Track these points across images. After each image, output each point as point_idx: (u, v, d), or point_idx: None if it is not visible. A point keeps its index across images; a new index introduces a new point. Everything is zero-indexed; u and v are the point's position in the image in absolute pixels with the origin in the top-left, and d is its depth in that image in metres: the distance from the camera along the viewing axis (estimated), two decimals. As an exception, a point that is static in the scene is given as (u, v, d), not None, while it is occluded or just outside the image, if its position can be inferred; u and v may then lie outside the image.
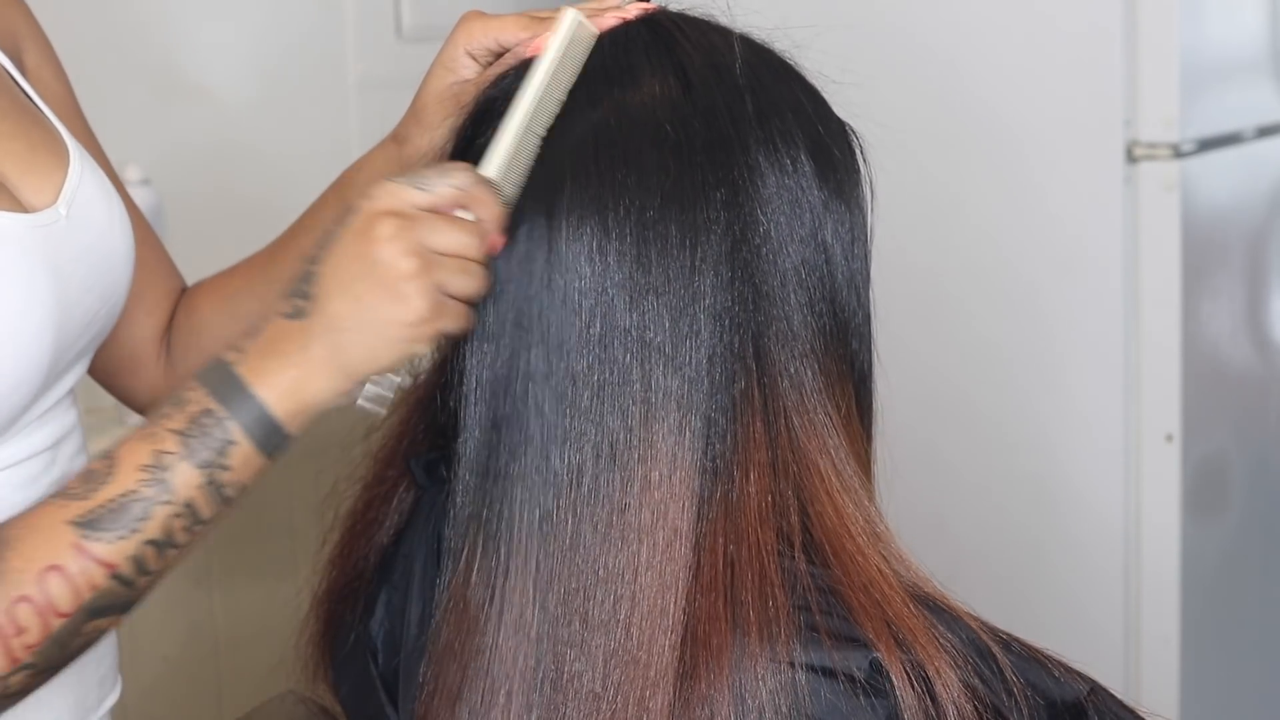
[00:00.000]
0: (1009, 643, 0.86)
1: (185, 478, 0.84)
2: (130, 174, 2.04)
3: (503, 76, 0.94)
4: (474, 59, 1.00)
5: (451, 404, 0.91)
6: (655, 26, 0.93)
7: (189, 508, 0.84)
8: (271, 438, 0.85)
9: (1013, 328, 2.21)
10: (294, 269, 1.10)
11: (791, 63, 0.94)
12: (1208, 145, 2.18)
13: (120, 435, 0.86)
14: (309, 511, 1.09)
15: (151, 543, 0.84)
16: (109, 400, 1.17)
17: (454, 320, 0.85)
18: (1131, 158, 2.12)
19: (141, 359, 1.14)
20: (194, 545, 0.86)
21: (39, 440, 0.97)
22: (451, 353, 0.91)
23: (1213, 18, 2.23)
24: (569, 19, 0.89)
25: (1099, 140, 2.12)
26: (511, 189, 0.88)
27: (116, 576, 0.84)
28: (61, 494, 0.85)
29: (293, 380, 0.84)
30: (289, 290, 0.86)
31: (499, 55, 0.99)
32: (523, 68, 0.92)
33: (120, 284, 1.02)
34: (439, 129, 1.00)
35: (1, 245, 0.91)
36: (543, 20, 0.96)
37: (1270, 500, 2.45)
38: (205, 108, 2.35)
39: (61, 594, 0.83)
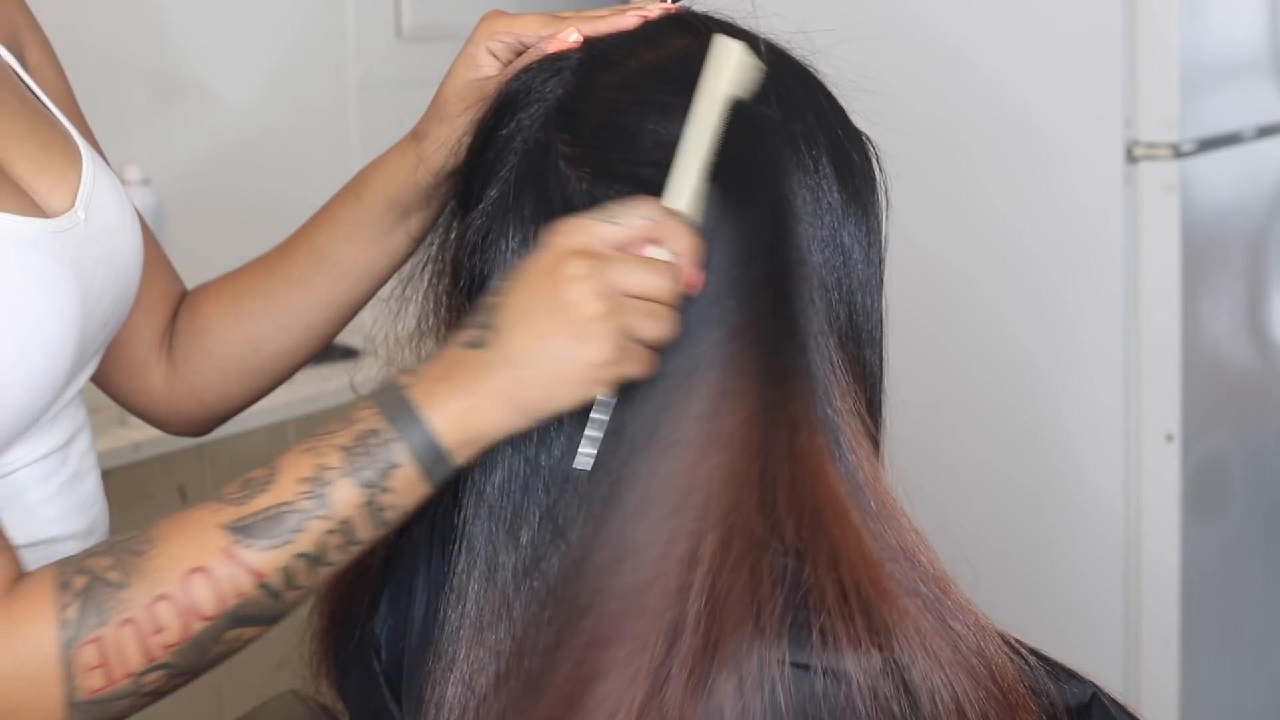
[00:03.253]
0: (1016, 648, 0.86)
1: (345, 495, 0.82)
2: (130, 174, 2.04)
3: (525, 70, 0.95)
4: (495, 56, 1.01)
5: None
6: (682, 26, 0.93)
7: (345, 525, 0.83)
8: (437, 465, 0.83)
9: (1013, 327, 2.21)
10: (305, 266, 1.11)
11: (811, 68, 0.95)
12: (1208, 145, 2.18)
13: (122, 435, 0.86)
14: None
15: (303, 556, 0.82)
16: (109, 400, 1.17)
17: (637, 365, 0.84)
18: (1131, 158, 2.12)
19: (140, 360, 1.13)
20: (345, 563, 0.85)
21: (53, 439, 0.98)
22: None
23: (1213, 18, 2.23)
24: (736, 52, 0.88)
25: (1099, 140, 2.12)
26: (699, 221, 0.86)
27: (264, 586, 0.82)
28: (217, 498, 0.84)
29: (465, 409, 0.83)
30: (470, 320, 0.85)
31: (520, 53, 0.99)
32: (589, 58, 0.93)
33: (132, 284, 1.02)
34: (458, 124, 1.00)
35: (31, 252, 0.91)
36: (563, 19, 0.96)
37: (1270, 500, 2.45)
38: (205, 108, 2.35)
39: (205, 597, 0.81)
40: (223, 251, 1.31)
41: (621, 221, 0.84)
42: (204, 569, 0.81)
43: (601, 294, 0.82)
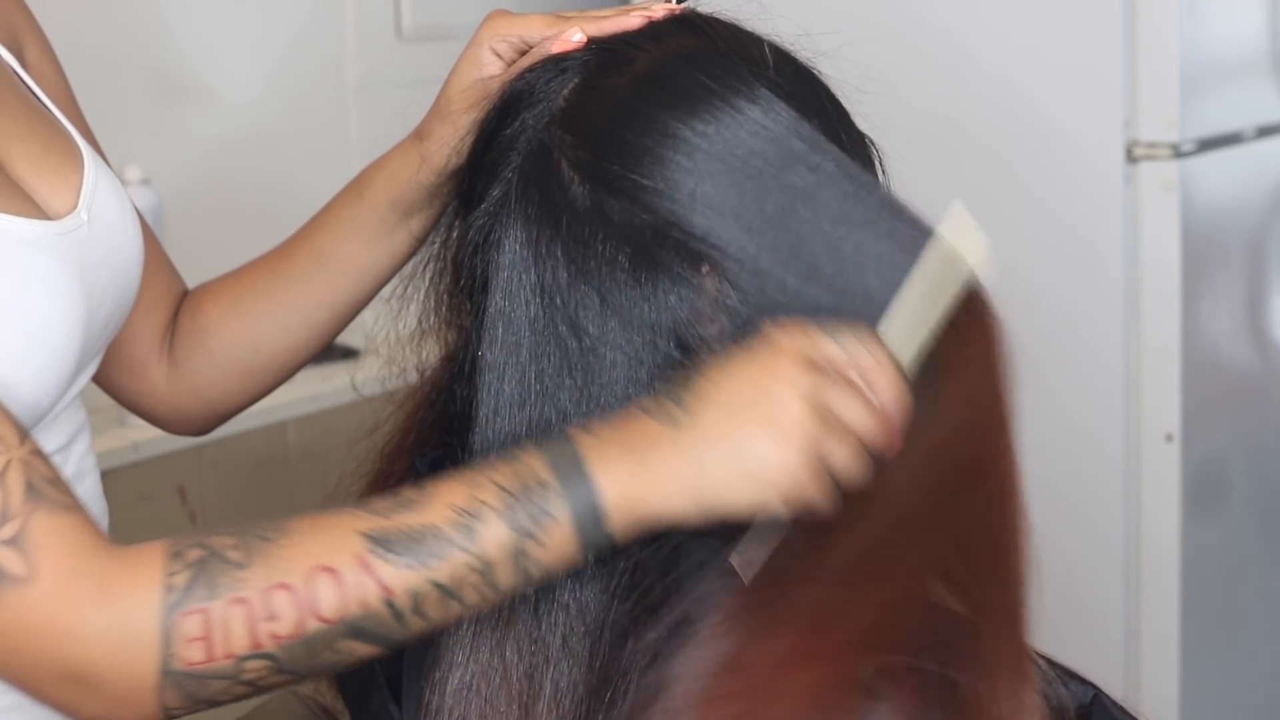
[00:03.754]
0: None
1: (495, 534, 0.79)
2: (130, 174, 2.04)
3: (529, 70, 0.95)
4: (499, 56, 1.00)
5: (462, 394, 0.91)
6: (687, 26, 0.93)
7: (487, 566, 0.79)
8: (594, 530, 0.80)
9: (1012, 327, 2.21)
10: (307, 265, 1.11)
11: (815, 70, 0.95)
12: (1208, 145, 2.18)
13: (121, 435, 0.86)
14: (314, 508, 1.08)
15: (438, 585, 0.79)
16: (109, 400, 1.17)
17: (821, 494, 0.80)
18: (1131, 158, 2.12)
19: (141, 359, 1.13)
20: (475, 609, 0.81)
21: (54, 440, 0.97)
22: (462, 344, 0.91)
23: (1213, 18, 2.23)
24: (982, 246, 0.89)
25: (1099, 140, 2.12)
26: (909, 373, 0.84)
27: (390, 604, 0.79)
28: (363, 504, 0.81)
29: (635, 479, 0.79)
30: (663, 392, 0.82)
31: (523, 52, 0.99)
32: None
33: (133, 285, 1.02)
34: (462, 123, 1.00)
35: (35, 254, 0.90)
36: (567, 19, 0.96)
37: (1270, 500, 2.45)
38: (205, 108, 2.36)
39: (328, 598, 0.78)
40: (223, 251, 1.30)
41: (844, 344, 0.82)
42: (333, 570, 0.78)
43: (812, 404, 0.80)
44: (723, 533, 0.83)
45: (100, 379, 1.13)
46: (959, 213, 0.87)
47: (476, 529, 0.79)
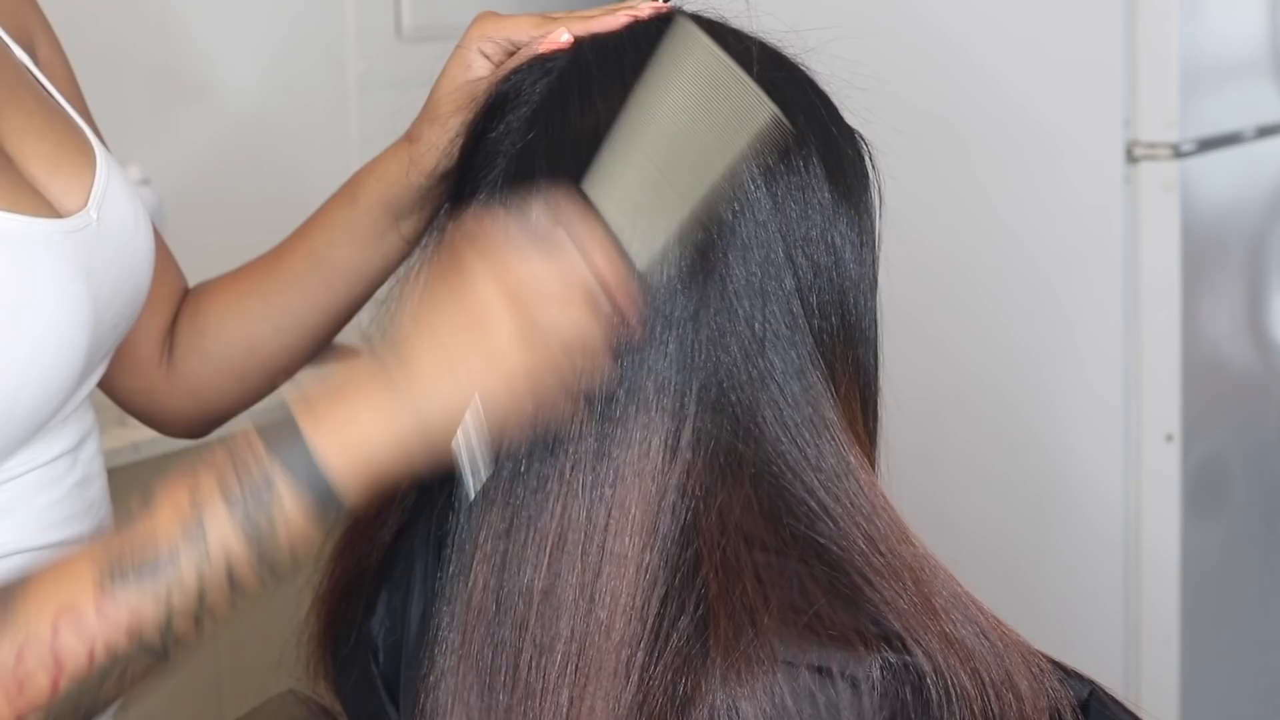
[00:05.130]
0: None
1: (223, 535, 0.75)
2: (131, 173, 2.04)
3: (515, 70, 0.95)
4: (487, 57, 1.00)
5: None
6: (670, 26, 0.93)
7: (228, 573, 0.76)
8: (322, 494, 0.77)
9: (1012, 327, 2.21)
10: (301, 268, 1.11)
11: (803, 66, 0.95)
12: (1208, 145, 2.18)
13: (122, 435, 0.85)
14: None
15: (181, 610, 0.76)
16: (109, 400, 1.17)
17: (567, 374, 0.79)
18: (1131, 158, 2.12)
19: (142, 360, 1.13)
20: (226, 619, 0.77)
21: (64, 442, 0.97)
22: None
23: (1213, 18, 2.23)
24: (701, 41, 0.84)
25: (1099, 140, 2.12)
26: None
27: (139, 639, 0.76)
28: (99, 535, 0.79)
29: (353, 433, 0.77)
30: (376, 341, 0.81)
31: (511, 53, 0.99)
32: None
33: (144, 285, 1.02)
34: (451, 125, 1.00)
35: (42, 253, 0.90)
36: (554, 20, 0.96)
37: (1270, 500, 2.45)
38: (206, 108, 2.35)
39: (71, 648, 0.74)
40: (223, 250, 1.30)
41: (538, 228, 0.79)
42: (74, 609, 0.74)
43: (518, 304, 0.77)
44: None
45: (101, 379, 1.13)
46: (684, 25, 0.85)
47: (205, 534, 0.76)
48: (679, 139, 0.82)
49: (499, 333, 0.77)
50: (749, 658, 0.80)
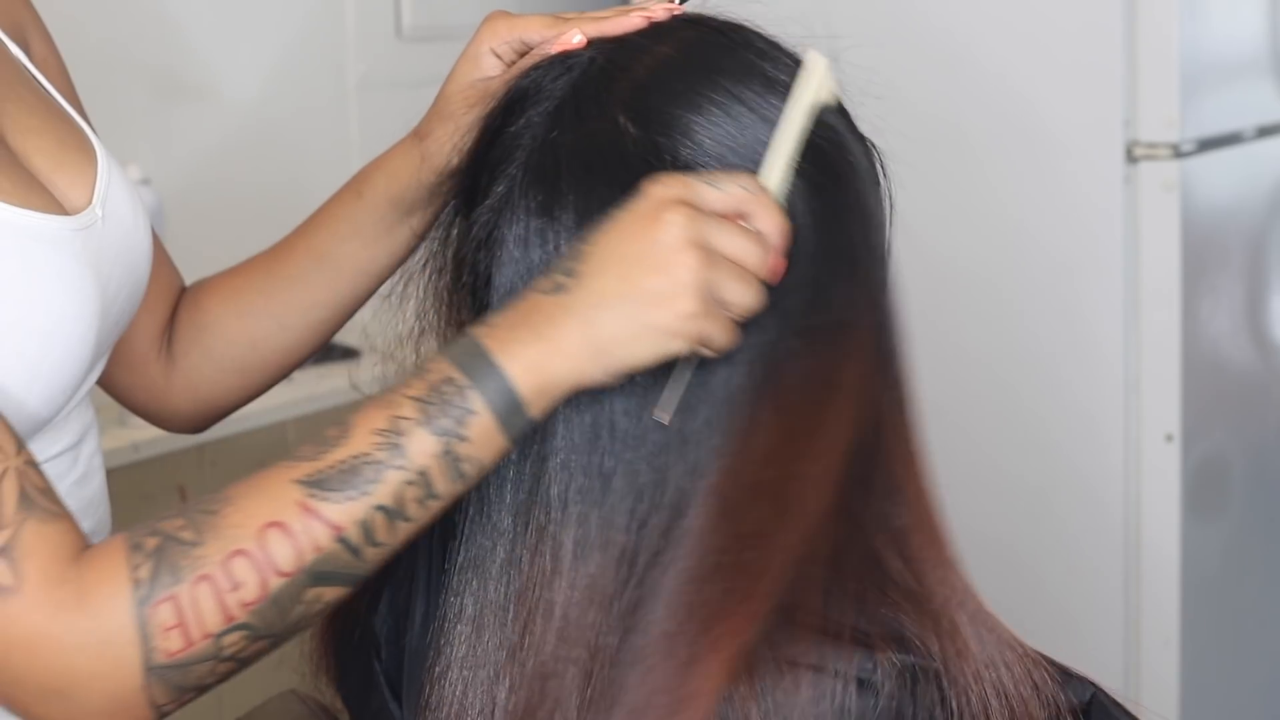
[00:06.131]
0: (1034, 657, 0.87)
1: (422, 444, 0.80)
2: (130, 173, 2.04)
3: (535, 67, 0.95)
4: (498, 57, 1.01)
5: None
6: (689, 26, 0.93)
7: (423, 476, 0.80)
8: (513, 415, 0.81)
9: (1013, 327, 2.21)
10: (305, 264, 1.11)
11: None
12: (1208, 145, 2.18)
13: (121, 435, 0.85)
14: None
15: (382, 509, 0.80)
16: (109, 399, 1.17)
17: (719, 329, 0.82)
18: (1131, 158, 2.12)
19: (140, 356, 1.13)
20: (425, 522, 0.82)
21: (65, 439, 0.97)
22: None
23: (1213, 18, 2.23)
24: (823, 65, 0.89)
25: (1099, 140, 2.12)
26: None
27: (343, 540, 0.79)
28: (291, 456, 0.82)
29: (539, 354, 0.80)
30: (555, 265, 0.83)
31: (523, 54, 1.00)
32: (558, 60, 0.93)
33: (144, 281, 1.02)
34: (462, 121, 1.00)
35: (51, 250, 0.90)
36: (566, 20, 0.96)
37: (1270, 500, 2.45)
38: (206, 107, 2.36)
39: (283, 552, 0.79)
40: (223, 250, 1.30)
41: (722, 187, 0.83)
42: (280, 524, 0.79)
43: (696, 243, 0.80)
44: None
45: (100, 377, 1.13)
46: (815, 58, 0.90)
47: (404, 445, 0.80)
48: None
49: (682, 278, 0.80)
50: (755, 658, 0.80)
